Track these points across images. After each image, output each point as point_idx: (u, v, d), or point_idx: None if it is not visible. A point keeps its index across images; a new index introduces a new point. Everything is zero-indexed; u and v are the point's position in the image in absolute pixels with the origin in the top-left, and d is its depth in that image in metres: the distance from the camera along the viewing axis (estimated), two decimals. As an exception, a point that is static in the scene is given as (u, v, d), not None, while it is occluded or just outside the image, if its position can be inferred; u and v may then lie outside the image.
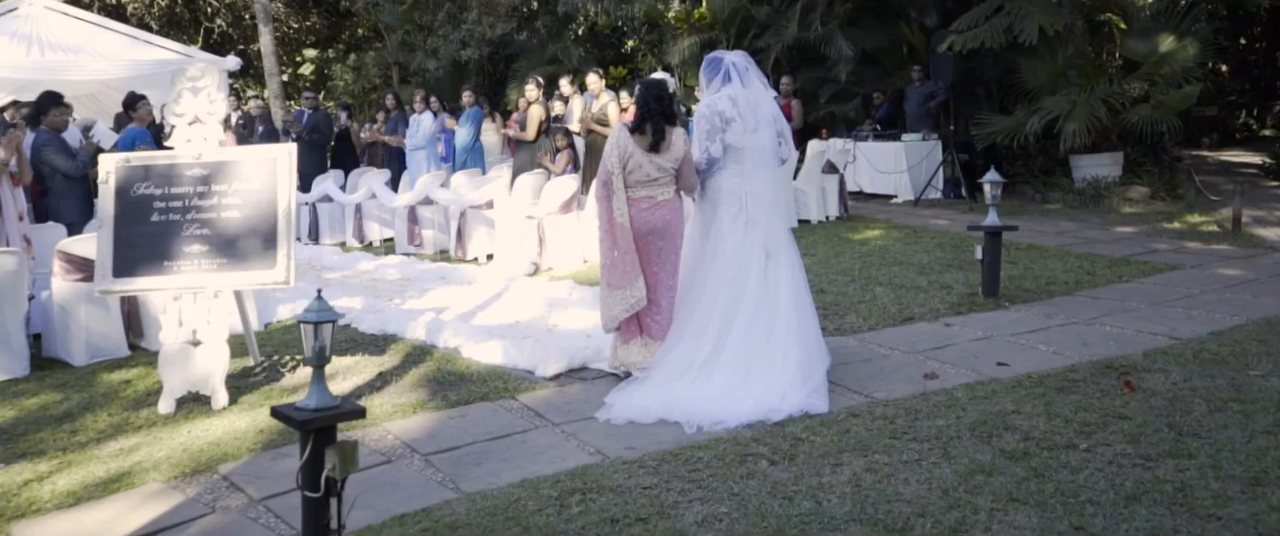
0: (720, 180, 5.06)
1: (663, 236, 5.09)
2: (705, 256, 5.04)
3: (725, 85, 5.03)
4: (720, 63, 5.12)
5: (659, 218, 5.05)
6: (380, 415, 4.92)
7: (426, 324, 6.40)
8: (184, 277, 5.14)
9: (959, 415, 4.35)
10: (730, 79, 5.02)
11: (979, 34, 11.96)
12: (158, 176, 5.18)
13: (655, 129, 4.98)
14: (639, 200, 5.03)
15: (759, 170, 5.03)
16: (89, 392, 5.58)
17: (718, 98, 5.03)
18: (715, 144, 5.00)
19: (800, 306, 5.00)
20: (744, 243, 4.96)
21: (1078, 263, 7.90)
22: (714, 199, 5.08)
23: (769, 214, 5.05)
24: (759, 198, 5.01)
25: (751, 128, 5.00)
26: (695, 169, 5.10)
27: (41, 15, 14.27)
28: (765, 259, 4.98)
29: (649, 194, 5.04)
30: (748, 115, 4.99)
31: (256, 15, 17.71)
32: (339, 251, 10.37)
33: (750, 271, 4.94)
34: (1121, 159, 12.48)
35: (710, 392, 4.68)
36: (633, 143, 5.02)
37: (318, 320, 3.20)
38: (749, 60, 5.15)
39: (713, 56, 5.22)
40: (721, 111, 4.98)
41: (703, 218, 5.13)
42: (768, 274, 4.97)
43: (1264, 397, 4.33)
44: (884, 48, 15.12)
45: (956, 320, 6.20)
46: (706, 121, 5.02)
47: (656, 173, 5.01)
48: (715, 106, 5.00)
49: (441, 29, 17.02)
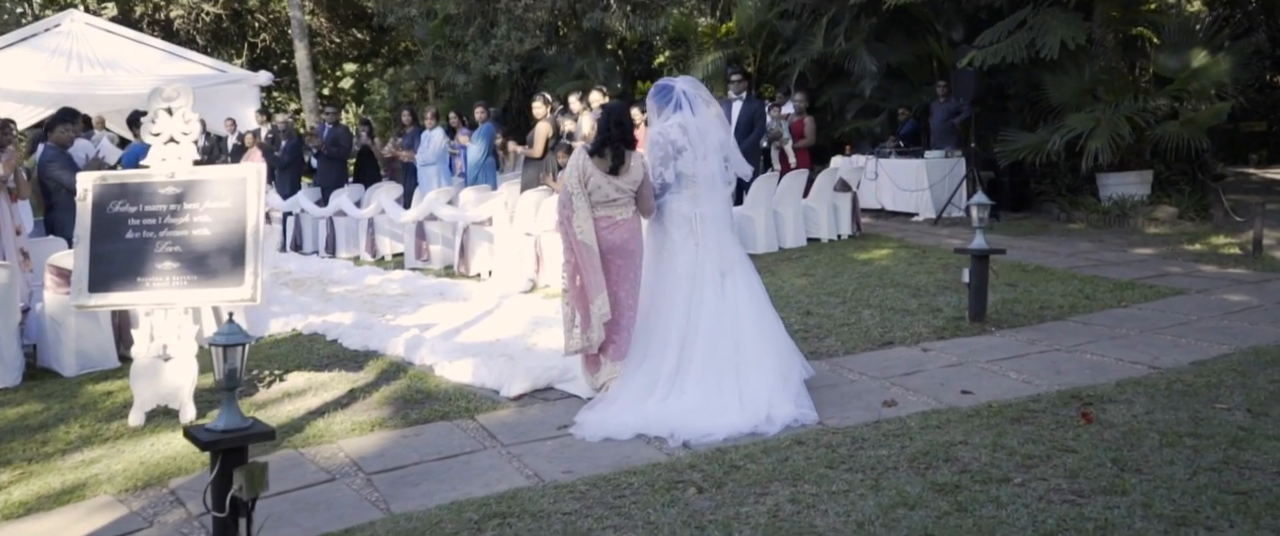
0: (673, 204, 5.12)
1: (622, 254, 5.17)
2: (659, 277, 5.10)
3: (676, 113, 5.10)
4: (671, 90, 5.18)
5: (618, 236, 5.14)
6: (338, 432, 4.98)
7: (406, 341, 6.46)
8: (155, 294, 5.25)
9: (904, 445, 4.27)
10: (680, 107, 5.09)
11: (1000, 50, 11.77)
12: (132, 194, 5.31)
13: (614, 153, 5.06)
14: (599, 219, 5.11)
15: (710, 194, 5.10)
16: (70, 403, 5.73)
17: (668, 126, 5.10)
18: (668, 170, 5.10)
19: (764, 321, 5.05)
20: (696, 262, 5.01)
21: (1080, 286, 7.72)
22: (666, 222, 5.14)
23: (720, 236, 5.10)
24: (709, 221, 5.07)
25: (702, 154, 5.07)
26: (653, 192, 5.16)
27: (82, 31, 14.83)
28: (721, 278, 5.03)
29: (608, 213, 5.13)
30: (698, 143, 5.07)
31: (293, 30, 18.08)
32: (350, 265, 10.52)
33: (706, 290, 4.98)
34: (1150, 177, 12.17)
35: (689, 405, 4.72)
36: (592, 164, 5.10)
37: (227, 344, 3.26)
38: (699, 86, 5.21)
39: (662, 83, 5.28)
40: (673, 139, 5.07)
41: (655, 241, 5.19)
42: (725, 292, 5.01)
43: (1220, 433, 4.18)
44: (910, 63, 14.96)
45: (936, 345, 6.09)
46: (659, 148, 5.11)
47: (615, 193, 5.10)
48: (667, 134, 5.09)
49: (472, 44, 17.23)
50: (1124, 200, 11.68)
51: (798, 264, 9.22)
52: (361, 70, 23.42)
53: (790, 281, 8.31)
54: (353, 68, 23.51)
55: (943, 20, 14.13)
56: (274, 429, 3.40)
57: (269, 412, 5.36)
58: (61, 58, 14.05)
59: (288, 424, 5.13)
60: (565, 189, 5.22)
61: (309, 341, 7.05)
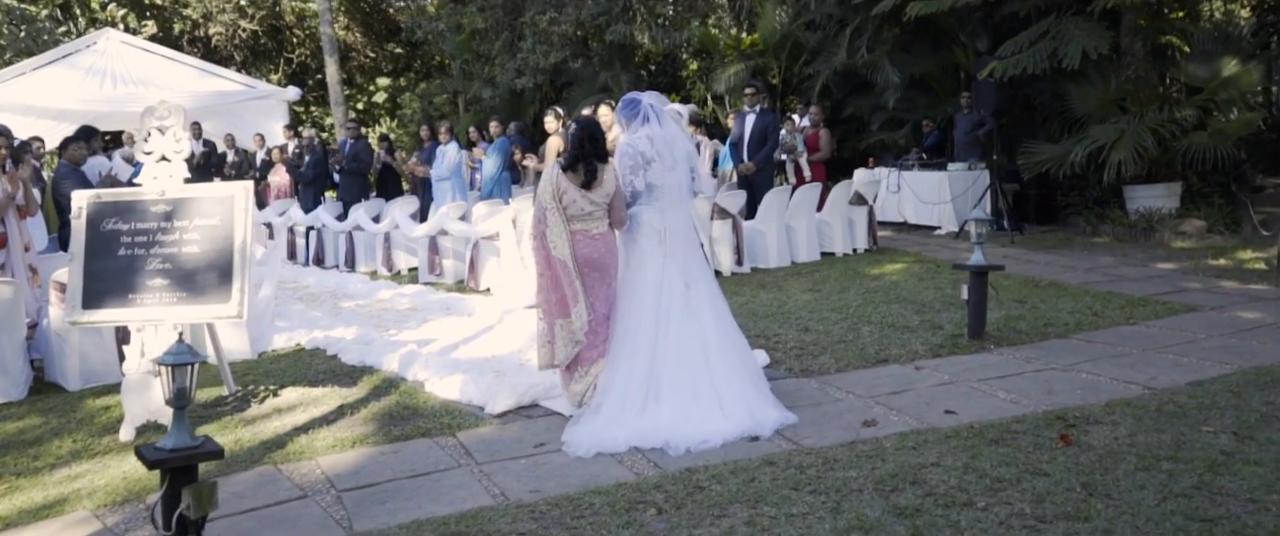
0: (643, 215, 5.22)
1: (598, 268, 5.23)
2: (627, 287, 5.20)
3: (644, 125, 5.21)
4: (638, 104, 5.29)
5: (594, 250, 5.21)
6: (319, 448, 5.02)
7: (401, 356, 6.50)
8: (145, 310, 5.35)
9: (875, 466, 4.21)
10: (648, 119, 5.21)
11: (1021, 60, 11.59)
12: (125, 212, 5.42)
13: (587, 168, 5.14)
14: (575, 233, 5.18)
15: (676, 206, 5.23)
16: (68, 417, 5.84)
17: (637, 138, 5.21)
18: (638, 179, 5.20)
19: (728, 330, 5.19)
20: (663, 272, 5.12)
21: (1091, 302, 7.56)
22: (635, 233, 5.23)
23: (686, 247, 5.22)
24: (677, 232, 5.19)
25: (669, 165, 5.19)
26: (625, 204, 5.25)
27: (116, 50, 15.18)
28: (686, 289, 5.13)
29: (583, 227, 5.20)
30: (665, 154, 5.19)
31: (323, 46, 18.36)
32: (366, 280, 10.63)
33: (673, 300, 5.08)
34: (1179, 189, 11.91)
35: (674, 415, 4.79)
36: (566, 180, 5.16)
37: (175, 363, 3.30)
38: (663, 100, 5.34)
39: (630, 98, 5.37)
40: (641, 151, 5.18)
41: (625, 251, 5.28)
42: (689, 303, 5.11)
43: (1200, 456, 4.06)
44: (935, 73, 14.82)
45: (930, 363, 5.99)
46: (629, 159, 5.22)
47: (590, 206, 5.17)
48: (636, 145, 5.20)
49: (498, 58, 17.38)
50: (1151, 213, 11.43)
51: (807, 279, 9.15)
52: (394, 84, 23.70)
53: (795, 297, 8.24)
54: (386, 82, 23.79)
55: (967, 30, 13.98)
56: (222, 448, 3.42)
57: (257, 428, 5.43)
58: (96, 76, 14.42)
59: (272, 440, 5.18)
60: (539, 204, 5.28)
61: (309, 356, 7.12)
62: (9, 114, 13.50)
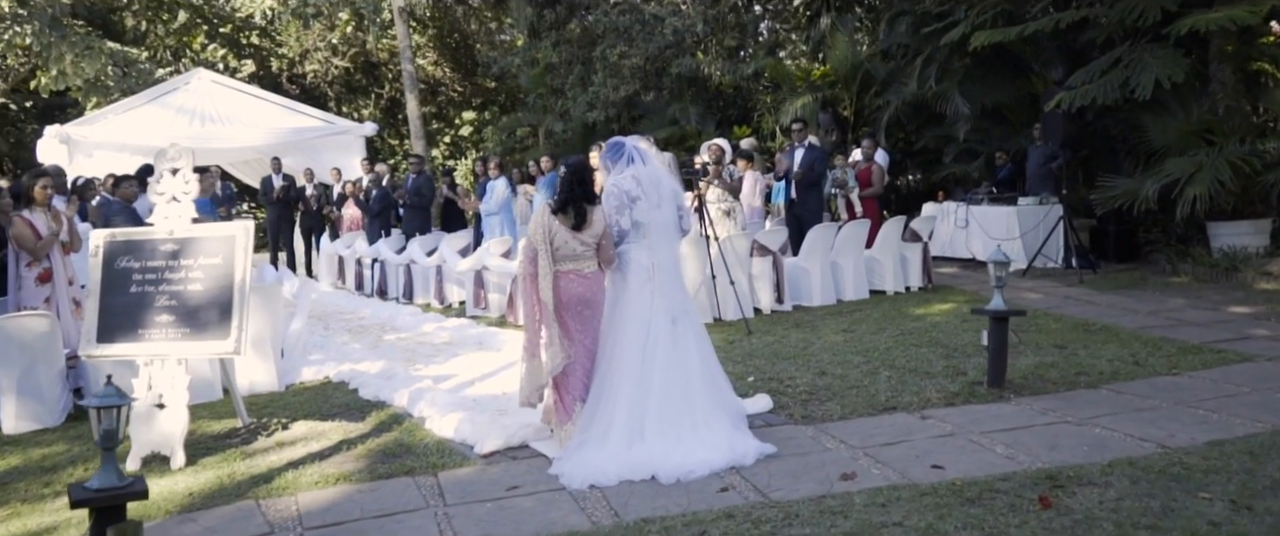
0: (630, 253, 5.34)
1: (590, 305, 5.38)
2: (615, 322, 5.29)
3: (629, 166, 5.36)
4: (622, 147, 5.47)
5: (586, 288, 5.35)
6: (303, 484, 5.10)
7: (410, 392, 6.58)
8: (152, 345, 5.55)
9: (834, 524, 4.04)
10: (633, 160, 5.36)
11: (1090, 91, 11.09)
12: (137, 250, 5.64)
13: (577, 211, 5.28)
14: (566, 273, 5.32)
15: (663, 243, 5.37)
16: (91, 445, 6.07)
17: (622, 178, 5.34)
18: (624, 218, 5.33)
19: (711, 366, 5.37)
20: (652, 308, 5.24)
21: (1138, 349, 7.13)
22: (624, 270, 5.34)
23: (673, 284, 5.37)
24: (665, 269, 5.33)
25: (655, 204, 5.33)
26: (613, 243, 5.37)
27: (206, 89, 15.94)
28: (672, 324, 5.25)
29: (575, 267, 5.32)
30: (651, 192, 5.32)
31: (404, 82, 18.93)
32: (418, 312, 10.83)
33: (660, 336, 5.20)
34: (1268, 227, 11.19)
35: (661, 447, 4.92)
36: (557, 222, 5.29)
37: (101, 405, 3.39)
38: (649, 143, 5.56)
39: (614, 141, 5.59)
40: (627, 190, 5.31)
41: (614, 288, 5.38)
42: (675, 339, 5.23)
43: (1183, 526, 3.75)
44: (1010, 104, 14.31)
45: (939, 412, 5.74)
46: (615, 198, 5.34)
47: (580, 247, 5.31)
48: (621, 185, 5.33)
49: (571, 91, 17.60)
50: (1236, 252, 10.76)
51: (845, 318, 8.91)
52: (480, 118, 24.25)
53: (826, 338, 8.02)
54: (471, 116, 24.36)
55: (1041, 59, 13.49)
56: (147, 489, 3.51)
57: (254, 461, 5.55)
58: (185, 114, 15.17)
59: (264, 474, 5.29)
60: (530, 246, 5.40)
61: (333, 390, 7.27)
62: (106, 150, 14.35)
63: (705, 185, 9.26)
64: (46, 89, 16.83)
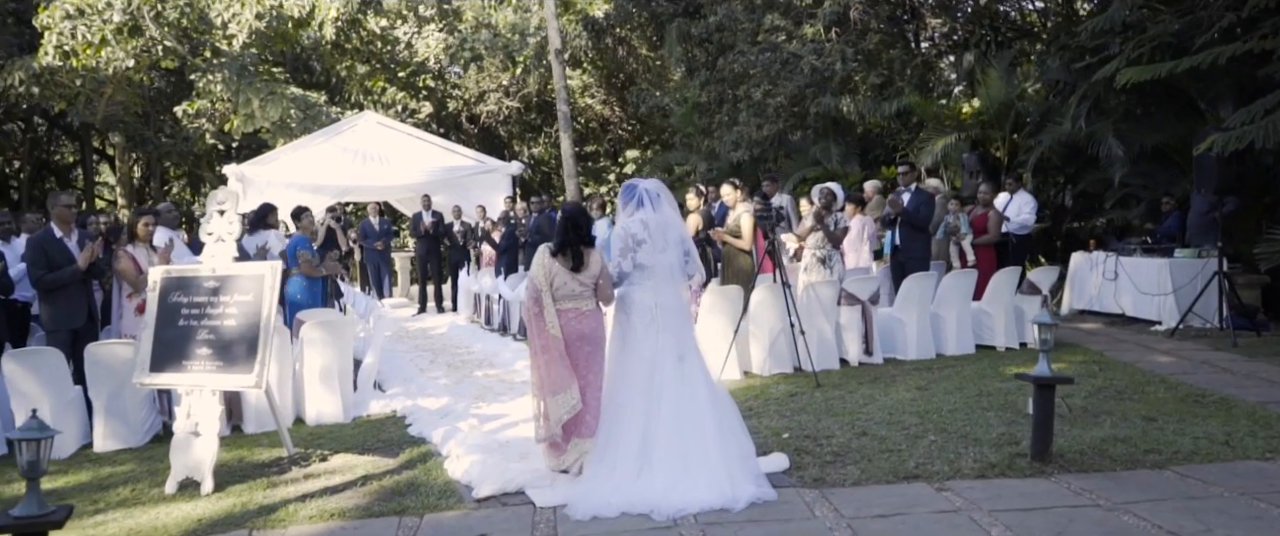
0: (634, 294, 5.56)
1: (589, 341, 5.59)
2: (622, 361, 5.50)
3: (639, 210, 5.61)
4: (635, 189, 5.72)
5: (585, 325, 5.59)
6: (301, 518, 5.30)
7: (443, 431, 6.72)
8: (192, 376, 5.96)
9: (753, 605, 3.78)
10: (643, 204, 5.61)
11: (1249, 132, 9.92)
12: (185, 286, 6.09)
13: (574, 254, 5.57)
14: (566, 311, 5.58)
15: (667, 284, 5.57)
16: (153, 466, 6.58)
17: (631, 221, 5.62)
18: (627, 260, 5.59)
19: (721, 403, 5.47)
20: (657, 347, 5.43)
21: (1240, 427, 6.29)
22: (629, 310, 5.57)
23: (679, 322, 5.55)
24: (669, 309, 5.53)
25: (660, 247, 5.56)
26: (611, 282, 5.64)
27: (371, 129, 17.05)
28: (678, 362, 5.42)
29: (574, 305, 5.58)
30: (657, 237, 5.56)
31: (559, 122, 19.50)
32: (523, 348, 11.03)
33: (666, 373, 5.38)
34: None
35: (663, 484, 5.06)
36: (556, 264, 5.58)
37: (23, 438, 3.66)
38: (661, 187, 5.69)
39: (629, 184, 5.80)
40: (633, 233, 5.59)
41: (619, 328, 5.60)
42: (683, 375, 5.40)
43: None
44: (1176, 144, 13.04)
45: (959, 485, 5.27)
46: (620, 241, 5.63)
47: (579, 288, 5.58)
48: (629, 228, 5.62)
49: (717, 130, 17.58)
50: None
51: (928, 375, 8.35)
52: (642, 156, 24.64)
53: (893, 395, 7.55)
54: (634, 154, 24.79)
55: (1209, 96, 12.24)
56: (67, 514, 3.73)
57: (274, 491, 5.82)
58: (349, 154, 16.30)
59: (274, 504, 5.54)
60: (532, 287, 5.64)
61: (390, 424, 7.53)
62: (277, 186, 15.59)
63: (788, 232, 8.98)
64: (237, 132, 18.51)
